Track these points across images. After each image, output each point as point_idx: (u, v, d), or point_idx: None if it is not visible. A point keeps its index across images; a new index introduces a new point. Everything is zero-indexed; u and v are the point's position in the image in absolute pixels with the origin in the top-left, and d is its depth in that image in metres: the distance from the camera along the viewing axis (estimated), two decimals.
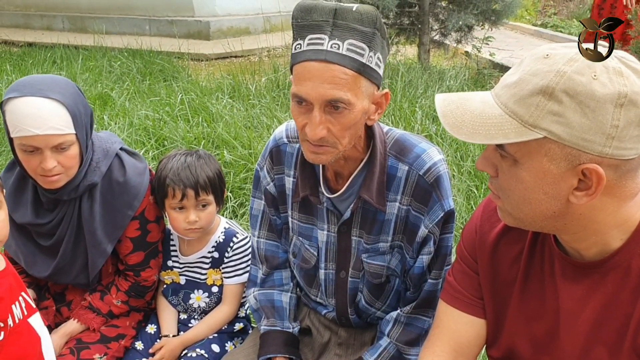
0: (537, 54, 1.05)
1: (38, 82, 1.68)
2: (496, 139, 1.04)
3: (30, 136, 1.62)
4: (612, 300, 1.12)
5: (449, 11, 6.78)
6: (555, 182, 1.05)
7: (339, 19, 1.34)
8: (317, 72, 1.32)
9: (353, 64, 1.33)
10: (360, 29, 1.34)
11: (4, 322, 1.46)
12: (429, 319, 1.62)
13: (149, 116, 4.82)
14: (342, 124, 1.37)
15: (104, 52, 7.75)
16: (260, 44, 8.47)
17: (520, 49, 9.61)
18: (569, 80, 0.99)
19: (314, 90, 1.33)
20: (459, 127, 1.08)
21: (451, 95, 1.14)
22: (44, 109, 1.62)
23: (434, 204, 1.52)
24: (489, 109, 1.07)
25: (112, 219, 1.84)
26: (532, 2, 13.91)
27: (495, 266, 1.31)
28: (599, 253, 1.13)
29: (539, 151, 1.03)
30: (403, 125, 4.57)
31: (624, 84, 0.99)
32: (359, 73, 1.34)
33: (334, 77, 1.32)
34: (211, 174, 1.89)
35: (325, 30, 1.33)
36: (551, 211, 1.08)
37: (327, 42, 1.33)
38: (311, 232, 1.68)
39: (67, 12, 10.74)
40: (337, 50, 1.32)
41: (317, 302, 1.80)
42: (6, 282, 1.51)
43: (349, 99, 1.33)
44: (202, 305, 2.04)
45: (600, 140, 0.99)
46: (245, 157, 3.97)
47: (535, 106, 1.01)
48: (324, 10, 1.35)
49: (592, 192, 1.03)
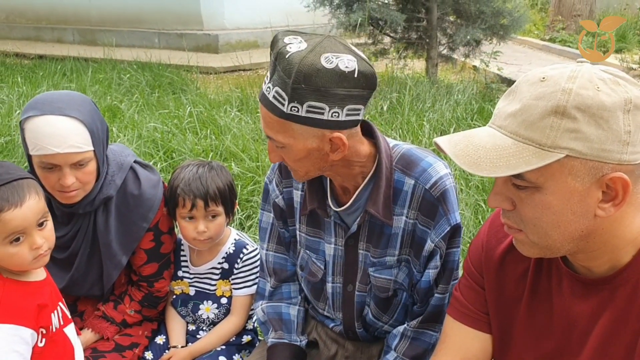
0: (532, 79, 1.06)
1: (56, 100, 1.69)
2: (519, 168, 1.03)
3: (50, 154, 1.64)
4: (622, 316, 1.12)
5: (457, 26, 6.80)
6: (582, 199, 1.05)
7: (278, 62, 1.35)
8: (261, 109, 1.42)
9: (275, 110, 1.37)
10: (284, 79, 1.33)
11: (47, 328, 1.50)
12: (435, 334, 1.62)
13: (157, 128, 4.85)
14: (287, 157, 1.46)
15: (113, 64, 7.80)
16: (268, 57, 8.48)
17: (529, 63, 9.60)
18: (577, 96, 1.00)
19: (263, 125, 1.43)
20: (477, 164, 1.06)
21: (454, 136, 1.13)
22: (64, 127, 1.65)
23: (440, 218, 1.53)
24: (499, 141, 1.06)
25: (127, 231, 1.86)
26: (540, 17, 13.94)
27: (501, 282, 1.32)
28: (609, 269, 1.13)
29: (562, 171, 1.03)
30: (411, 138, 4.57)
31: (625, 91, 1.02)
32: (285, 119, 1.37)
33: (265, 117, 1.41)
34: (221, 185, 1.91)
35: (271, 69, 1.39)
36: (579, 231, 1.08)
37: (266, 84, 1.40)
38: (318, 246, 1.69)
39: (77, 25, 10.84)
40: (267, 95, 1.38)
41: (324, 315, 1.80)
42: (47, 290, 1.56)
43: (280, 139, 1.41)
44: (211, 316, 2.05)
45: (618, 148, 1.01)
46: (252, 170, 3.98)
47: (550, 127, 1.01)
48: (276, 48, 1.37)
49: (618, 200, 1.04)
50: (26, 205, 1.42)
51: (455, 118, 5.21)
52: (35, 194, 1.45)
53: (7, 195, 1.40)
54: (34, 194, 1.45)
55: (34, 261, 1.47)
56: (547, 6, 14.10)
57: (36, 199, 1.45)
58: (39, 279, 1.55)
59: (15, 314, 1.43)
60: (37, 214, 1.45)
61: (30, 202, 1.43)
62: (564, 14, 11.98)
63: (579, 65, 1.06)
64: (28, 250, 1.45)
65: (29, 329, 1.45)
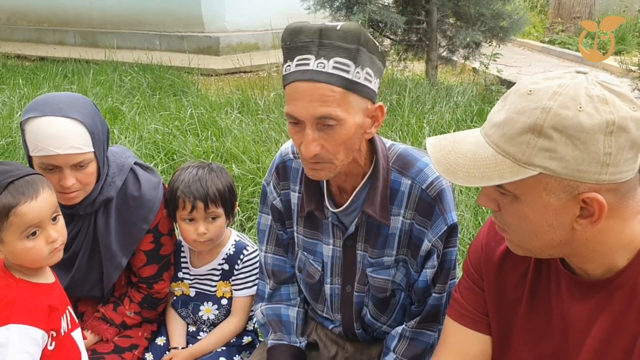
0: (521, 90, 1.07)
1: (57, 101, 1.70)
2: (492, 181, 1.05)
3: (51, 155, 1.65)
4: (619, 319, 1.12)
5: (457, 28, 6.82)
6: (558, 213, 1.06)
7: (324, 38, 1.37)
8: (305, 91, 1.36)
9: (340, 81, 1.36)
10: (345, 46, 1.37)
11: (57, 331, 1.51)
12: (434, 334, 1.63)
13: (158, 130, 4.87)
14: (335, 139, 1.40)
15: (114, 66, 7.82)
16: (269, 59, 8.52)
17: (529, 65, 9.63)
18: (555, 116, 1.00)
19: (303, 109, 1.37)
20: (453, 172, 1.09)
21: (442, 139, 1.15)
22: (64, 128, 1.65)
23: (437, 217, 1.54)
24: (481, 150, 1.08)
25: (127, 233, 1.87)
26: (539, 19, 13.95)
27: (500, 283, 1.32)
28: (605, 272, 1.13)
29: (537, 186, 1.04)
30: (410, 140, 4.58)
31: (610, 112, 1.00)
32: (347, 89, 1.37)
33: (322, 95, 1.36)
34: (221, 187, 1.91)
35: (311, 50, 1.37)
36: (557, 240, 1.09)
37: (314, 62, 1.37)
38: (315, 247, 1.70)
39: (78, 27, 10.86)
40: (323, 69, 1.36)
41: (323, 317, 1.81)
42: (57, 293, 1.57)
43: (338, 114, 1.37)
44: (212, 317, 2.06)
45: (596, 169, 1.00)
46: (253, 171, 4.00)
47: (527, 144, 1.02)
48: (310, 31, 1.39)
49: (595, 219, 1.04)
50: (41, 198, 1.43)
51: (455, 120, 5.22)
52: (48, 188, 1.47)
53: (22, 189, 1.41)
54: (47, 188, 1.46)
55: (50, 255, 1.48)
56: (546, 8, 14.12)
57: (49, 193, 1.46)
58: (49, 281, 1.55)
59: (27, 315, 1.44)
60: (52, 207, 1.47)
61: (45, 195, 1.44)
62: (564, 16, 12.00)
63: (572, 78, 1.05)
64: (44, 244, 1.46)
65: (40, 330, 1.45)
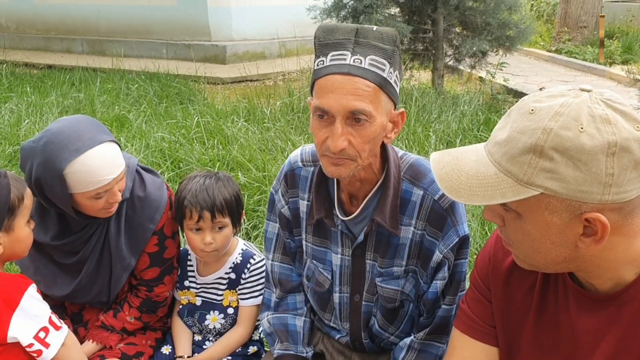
0: (523, 109, 1.06)
1: (77, 133, 1.68)
2: (494, 199, 1.05)
3: (106, 184, 1.69)
4: (628, 334, 1.11)
5: (463, 37, 6.83)
6: (561, 232, 1.05)
7: (360, 37, 1.40)
8: (340, 84, 1.37)
9: (375, 77, 1.37)
10: (381, 46, 1.39)
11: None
12: (442, 345, 1.62)
13: (165, 138, 4.88)
14: (363, 136, 1.40)
15: (121, 74, 7.87)
16: (275, 68, 8.57)
17: (535, 74, 9.62)
18: (556, 137, 1.00)
19: (336, 102, 1.37)
20: (456, 190, 1.09)
21: (445, 155, 1.15)
22: (108, 154, 1.70)
23: (449, 229, 1.53)
24: (483, 168, 1.08)
25: (135, 233, 1.88)
26: (546, 28, 13.95)
27: (508, 295, 1.31)
28: (614, 286, 1.13)
29: (539, 206, 1.04)
30: (417, 149, 4.58)
31: (612, 132, 0.99)
32: (380, 87, 1.38)
33: (357, 89, 1.36)
34: (228, 197, 1.91)
35: (347, 47, 1.39)
36: (562, 257, 1.09)
37: (350, 57, 1.38)
38: (325, 256, 1.69)
39: (86, 35, 10.95)
40: (360, 65, 1.37)
41: (330, 326, 1.80)
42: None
43: (370, 111, 1.37)
44: (218, 326, 2.05)
45: (598, 190, 1.00)
46: (259, 180, 4.00)
47: (528, 164, 1.02)
48: (345, 30, 1.41)
49: (598, 237, 1.04)
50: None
51: (461, 129, 5.21)
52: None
53: (15, 179, 1.60)
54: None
55: None
56: (553, 18, 14.11)
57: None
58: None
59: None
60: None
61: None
62: (570, 25, 11.99)
63: (576, 96, 1.04)
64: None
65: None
